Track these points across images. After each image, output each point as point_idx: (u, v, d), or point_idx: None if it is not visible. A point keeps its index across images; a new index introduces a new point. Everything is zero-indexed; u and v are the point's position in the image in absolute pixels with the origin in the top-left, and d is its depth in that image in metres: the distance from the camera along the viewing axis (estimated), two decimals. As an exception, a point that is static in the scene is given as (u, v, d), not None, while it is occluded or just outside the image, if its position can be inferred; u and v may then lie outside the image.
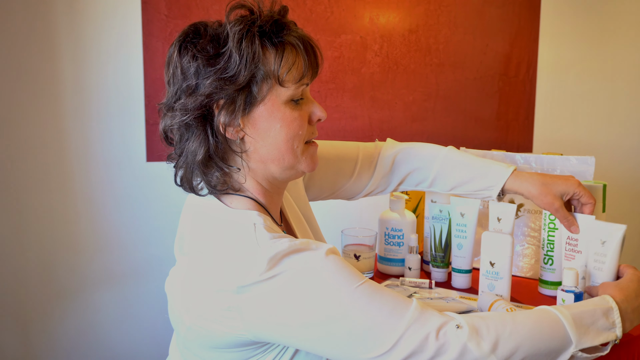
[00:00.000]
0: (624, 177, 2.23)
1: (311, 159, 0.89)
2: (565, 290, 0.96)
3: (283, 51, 0.82)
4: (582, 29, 2.11)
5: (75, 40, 1.66)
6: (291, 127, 0.85)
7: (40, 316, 1.72)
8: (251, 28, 0.81)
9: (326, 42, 1.85)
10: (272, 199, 0.91)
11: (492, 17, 2.01)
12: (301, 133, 0.86)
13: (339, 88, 1.88)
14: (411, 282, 1.21)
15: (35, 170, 1.68)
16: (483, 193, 1.11)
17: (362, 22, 1.88)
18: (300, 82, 0.84)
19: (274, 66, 0.82)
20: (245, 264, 0.78)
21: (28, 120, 1.66)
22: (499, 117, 2.07)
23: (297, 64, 0.83)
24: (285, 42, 0.83)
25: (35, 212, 1.69)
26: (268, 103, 0.83)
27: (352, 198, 1.20)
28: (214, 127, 0.82)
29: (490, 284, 1.09)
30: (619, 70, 2.17)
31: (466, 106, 2.03)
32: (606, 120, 2.19)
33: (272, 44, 0.82)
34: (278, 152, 0.85)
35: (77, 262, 1.73)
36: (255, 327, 0.79)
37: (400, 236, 1.29)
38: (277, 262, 0.76)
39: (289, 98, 0.84)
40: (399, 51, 1.93)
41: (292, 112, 0.85)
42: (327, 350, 0.78)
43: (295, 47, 0.83)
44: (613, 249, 0.98)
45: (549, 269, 1.16)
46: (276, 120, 0.84)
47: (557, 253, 1.14)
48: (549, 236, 1.15)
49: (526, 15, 2.04)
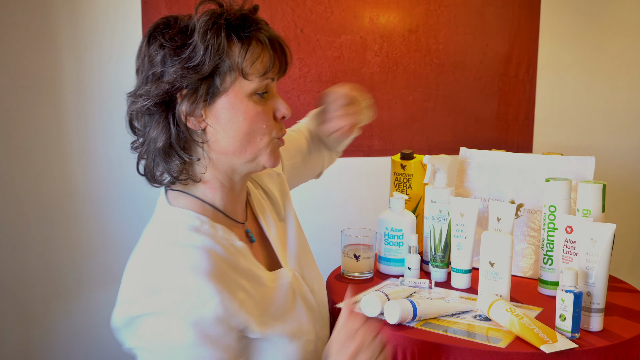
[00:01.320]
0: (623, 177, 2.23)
1: (273, 154, 0.89)
2: (565, 290, 0.96)
3: (249, 45, 0.84)
4: (582, 29, 2.11)
5: (76, 40, 1.66)
6: (254, 120, 0.86)
7: (40, 316, 1.72)
8: (217, 20, 0.83)
9: (326, 42, 1.86)
10: (231, 193, 0.91)
11: (492, 17, 2.01)
12: (265, 127, 0.87)
13: (339, 88, 1.89)
14: (411, 282, 1.21)
15: (36, 169, 1.68)
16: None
17: (362, 22, 1.88)
18: (264, 75, 0.85)
19: (238, 59, 0.83)
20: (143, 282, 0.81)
21: (28, 120, 1.66)
22: (498, 117, 2.07)
23: (261, 58, 0.85)
24: (251, 36, 0.85)
25: (36, 211, 1.69)
26: (231, 95, 0.84)
27: (318, 175, 1.28)
28: (175, 115, 0.84)
29: (490, 284, 1.09)
30: (619, 70, 2.17)
31: (466, 106, 2.03)
32: (606, 120, 2.19)
33: (238, 38, 0.84)
34: (240, 144, 0.86)
35: (77, 261, 1.73)
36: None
37: (400, 236, 1.29)
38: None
39: (252, 91, 0.85)
40: (399, 51, 1.93)
41: (255, 106, 0.86)
42: None
43: (261, 42, 0.85)
44: (604, 248, 0.99)
45: (549, 268, 1.16)
46: (239, 112, 0.85)
47: (556, 253, 1.15)
48: (549, 236, 1.15)
49: (526, 16, 2.04)
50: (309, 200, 1.89)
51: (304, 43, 1.84)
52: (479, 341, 0.95)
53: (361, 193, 1.98)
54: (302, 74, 1.86)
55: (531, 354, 0.91)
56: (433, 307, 1.05)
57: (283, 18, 1.81)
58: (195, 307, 0.78)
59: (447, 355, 0.93)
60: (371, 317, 1.02)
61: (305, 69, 1.86)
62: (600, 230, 0.99)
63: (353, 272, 1.27)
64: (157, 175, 0.88)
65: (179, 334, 0.77)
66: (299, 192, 1.52)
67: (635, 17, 2.15)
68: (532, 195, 1.28)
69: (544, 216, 1.15)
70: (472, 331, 0.99)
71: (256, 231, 0.99)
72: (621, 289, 1.21)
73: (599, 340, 0.96)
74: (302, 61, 1.85)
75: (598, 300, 0.99)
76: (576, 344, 0.93)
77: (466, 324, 1.02)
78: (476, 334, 0.98)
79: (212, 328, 0.78)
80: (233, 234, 0.89)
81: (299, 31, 1.83)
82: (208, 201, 0.89)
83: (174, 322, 0.77)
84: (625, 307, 1.11)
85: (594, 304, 0.99)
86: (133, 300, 0.80)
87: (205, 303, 0.78)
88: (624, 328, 1.01)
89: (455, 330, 0.99)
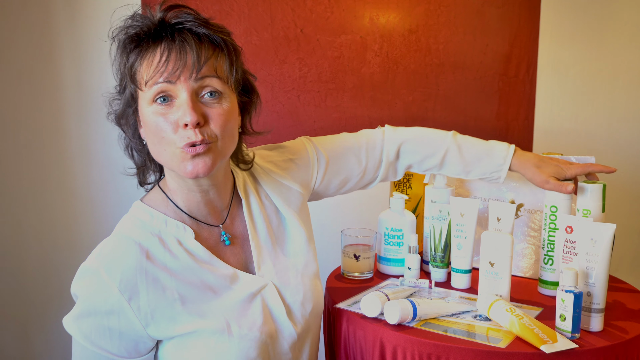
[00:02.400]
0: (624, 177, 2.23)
1: (184, 165, 0.85)
2: (565, 290, 0.96)
3: (139, 54, 0.86)
4: (582, 29, 2.11)
5: (76, 40, 1.66)
6: (153, 131, 0.86)
7: (39, 316, 1.72)
8: (119, 35, 0.87)
9: (326, 42, 1.86)
10: (192, 196, 0.94)
11: (492, 17, 2.01)
12: (165, 137, 0.85)
13: (339, 88, 1.88)
14: (411, 282, 1.21)
15: (36, 170, 1.68)
16: (492, 175, 1.15)
17: (362, 22, 1.88)
18: (149, 83, 0.84)
19: (134, 70, 0.86)
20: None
21: (28, 120, 1.66)
22: (498, 117, 2.07)
23: (148, 64, 0.85)
24: (146, 45, 0.86)
25: (35, 211, 1.69)
26: (139, 106, 0.88)
27: (366, 187, 1.22)
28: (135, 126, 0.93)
29: (490, 284, 1.09)
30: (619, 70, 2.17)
31: (466, 106, 2.03)
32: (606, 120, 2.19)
33: (134, 49, 0.86)
34: (155, 154, 0.90)
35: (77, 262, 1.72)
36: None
37: (400, 236, 1.29)
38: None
39: (149, 100, 0.86)
40: (399, 51, 1.93)
41: (152, 116, 0.86)
42: None
43: (155, 49, 0.85)
44: (604, 248, 0.99)
45: (549, 269, 1.16)
46: (145, 123, 0.88)
47: (557, 253, 1.15)
48: (550, 236, 1.15)
49: (526, 16, 2.04)
50: (309, 200, 1.89)
51: (303, 43, 1.84)
52: (479, 341, 0.95)
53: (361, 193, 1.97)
54: (302, 74, 1.86)
55: (531, 354, 0.91)
56: (433, 307, 1.05)
57: (283, 18, 1.81)
58: (94, 296, 0.86)
59: (447, 355, 0.93)
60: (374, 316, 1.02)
61: (305, 69, 1.86)
62: (600, 230, 0.99)
63: (353, 272, 1.27)
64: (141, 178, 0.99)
65: (77, 319, 0.87)
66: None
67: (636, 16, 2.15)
68: (532, 195, 1.28)
69: (545, 216, 1.15)
70: (472, 331, 0.99)
71: (242, 234, 0.99)
72: (621, 289, 1.21)
73: (599, 340, 0.96)
74: (302, 61, 1.85)
75: (598, 300, 0.99)
76: (576, 344, 0.93)
77: (466, 324, 1.02)
78: (476, 334, 0.98)
79: (105, 318, 0.86)
80: (190, 233, 0.92)
81: (299, 31, 1.83)
82: (177, 203, 0.94)
83: (77, 307, 0.88)
84: (625, 307, 1.11)
85: (594, 304, 0.99)
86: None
87: (103, 294, 0.86)
88: (624, 328, 1.01)
89: (455, 331, 0.99)
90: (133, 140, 0.94)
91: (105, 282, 0.85)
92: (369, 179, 1.19)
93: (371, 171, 1.18)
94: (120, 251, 0.88)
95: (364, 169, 1.16)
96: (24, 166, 1.67)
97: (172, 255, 0.90)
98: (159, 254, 0.89)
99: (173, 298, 0.87)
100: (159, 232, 0.91)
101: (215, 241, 0.95)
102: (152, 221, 0.92)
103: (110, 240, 0.91)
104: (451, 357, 0.93)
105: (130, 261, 0.87)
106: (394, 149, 1.17)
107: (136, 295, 0.85)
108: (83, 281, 0.88)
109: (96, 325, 0.86)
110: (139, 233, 0.90)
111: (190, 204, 0.94)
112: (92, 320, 0.86)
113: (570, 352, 0.92)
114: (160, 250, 0.89)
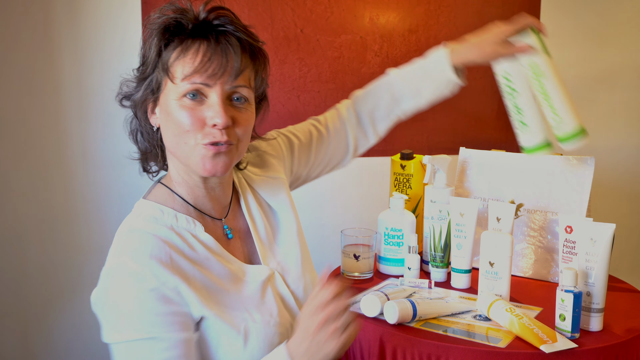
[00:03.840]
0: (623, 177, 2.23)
1: (203, 162, 0.87)
2: (565, 290, 0.96)
3: (182, 49, 0.86)
4: (582, 30, 2.11)
5: (76, 40, 1.66)
6: (177, 123, 0.87)
7: (39, 316, 1.72)
8: (160, 23, 0.87)
9: (326, 42, 1.86)
10: (198, 190, 0.94)
11: (491, 17, 2.00)
12: (189, 131, 0.86)
13: (339, 88, 1.88)
14: (411, 282, 1.22)
15: (36, 170, 1.68)
16: (445, 83, 1.14)
17: (362, 22, 1.88)
18: (187, 79, 0.86)
19: (170, 62, 0.87)
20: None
21: (28, 120, 1.66)
22: (498, 117, 2.07)
23: (192, 62, 0.86)
24: (190, 42, 0.87)
25: (37, 211, 1.69)
26: (165, 96, 0.88)
27: (345, 160, 1.23)
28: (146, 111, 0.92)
29: (489, 284, 1.09)
30: (619, 71, 2.17)
31: (466, 106, 2.03)
32: (606, 121, 2.19)
33: (177, 42, 0.87)
34: (172, 145, 0.90)
35: (77, 262, 1.73)
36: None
37: (400, 236, 1.29)
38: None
39: (179, 94, 0.86)
40: (399, 51, 1.93)
41: (180, 110, 0.86)
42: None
43: (198, 47, 0.86)
44: (604, 248, 0.99)
45: (531, 131, 1.13)
46: (167, 113, 0.88)
47: (527, 113, 1.12)
48: (515, 102, 1.13)
49: (526, 16, 2.05)
50: (309, 200, 1.89)
51: (304, 43, 1.84)
52: (479, 341, 0.95)
53: (361, 193, 1.98)
54: (302, 74, 1.86)
55: (531, 354, 0.91)
56: (433, 307, 1.05)
57: (283, 18, 1.81)
58: (135, 285, 0.82)
59: (447, 355, 0.93)
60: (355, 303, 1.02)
61: (305, 69, 1.86)
62: (599, 230, 0.99)
63: (353, 272, 1.28)
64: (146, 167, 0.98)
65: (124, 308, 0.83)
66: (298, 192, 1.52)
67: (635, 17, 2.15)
68: (532, 196, 1.28)
69: (502, 85, 1.14)
70: (471, 331, 0.99)
71: (241, 228, 1.01)
72: (621, 289, 1.21)
73: (599, 340, 0.96)
74: (302, 61, 1.85)
75: (598, 300, 0.99)
76: (576, 344, 0.93)
77: (466, 324, 1.02)
78: (476, 334, 0.98)
79: (152, 302, 0.82)
80: (200, 226, 0.92)
81: (299, 31, 1.83)
82: (181, 195, 0.94)
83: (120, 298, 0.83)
84: (625, 307, 1.11)
85: (594, 303, 0.99)
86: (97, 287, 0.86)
87: (144, 282, 0.82)
88: (623, 328, 1.01)
89: (455, 330, 0.99)
90: (145, 125, 0.93)
91: (137, 271, 0.83)
92: (342, 149, 1.20)
93: (341, 139, 1.19)
94: (142, 242, 0.86)
95: (332, 137, 1.18)
96: (25, 166, 1.67)
97: (189, 247, 0.89)
98: (178, 245, 0.88)
99: (197, 287, 0.86)
100: (171, 225, 0.90)
101: (220, 235, 0.97)
102: (163, 216, 0.91)
103: (123, 237, 0.88)
104: (451, 357, 0.93)
105: (154, 249, 0.85)
106: (350, 110, 1.20)
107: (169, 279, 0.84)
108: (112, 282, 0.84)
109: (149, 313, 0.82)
110: (154, 227, 0.89)
111: (196, 198, 0.95)
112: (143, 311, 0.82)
113: (570, 352, 0.92)
114: (179, 241, 0.89)
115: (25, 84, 1.64)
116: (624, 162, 2.22)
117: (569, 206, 1.23)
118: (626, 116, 2.21)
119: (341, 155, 1.21)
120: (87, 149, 1.70)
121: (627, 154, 2.22)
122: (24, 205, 1.68)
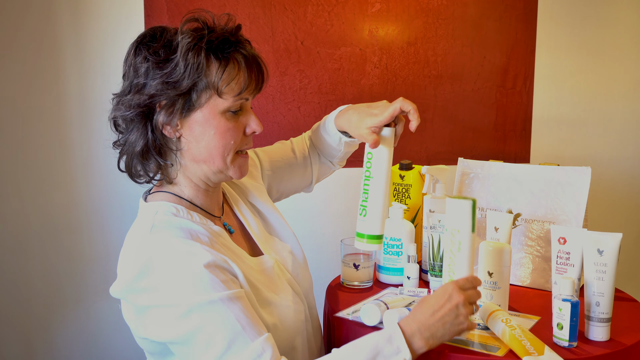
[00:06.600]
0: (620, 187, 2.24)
1: (239, 168, 0.96)
2: (562, 299, 0.97)
3: (226, 65, 0.89)
4: (578, 41, 2.13)
5: (78, 43, 1.68)
6: (224, 136, 0.91)
7: (42, 324, 1.73)
8: (199, 42, 0.88)
9: (326, 54, 1.88)
10: (205, 192, 0.98)
11: (489, 29, 2.03)
12: (233, 143, 0.93)
13: (339, 99, 1.90)
14: (410, 291, 1.23)
15: (39, 178, 1.69)
16: (336, 141, 1.18)
17: (361, 34, 1.91)
18: (238, 95, 0.91)
19: (215, 78, 0.89)
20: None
21: (31, 126, 1.67)
22: (496, 127, 2.09)
23: (237, 79, 0.90)
24: (229, 57, 0.90)
25: (38, 219, 1.70)
26: (205, 111, 0.90)
27: (309, 187, 1.29)
28: (153, 123, 0.89)
29: (488, 294, 1.10)
30: (615, 82, 2.19)
31: (464, 117, 2.05)
32: (602, 131, 2.21)
33: (216, 58, 0.89)
34: (209, 155, 0.92)
35: (80, 270, 1.74)
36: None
37: (399, 245, 1.30)
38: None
39: (226, 109, 0.91)
40: (397, 63, 1.95)
41: (227, 123, 0.91)
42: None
43: (238, 63, 0.90)
44: (612, 258, 1.00)
45: (365, 218, 1.05)
46: (211, 127, 0.91)
47: (372, 201, 1.04)
48: (364, 185, 1.05)
49: (523, 28, 2.07)
50: (308, 209, 1.90)
51: (304, 55, 1.86)
52: (477, 350, 0.96)
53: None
54: (303, 86, 1.88)
55: (529, 362, 0.92)
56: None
57: (284, 31, 1.83)
58: (188, 262, 0.84)
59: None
60: None
61: (306, 81, 1.88)
62: (606, 241, 1.00)
63: (352, 281, 1.29)
64: (134, 172, 0.95)
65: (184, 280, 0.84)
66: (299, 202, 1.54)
67: (631, 29, 2.18)
68: (529, 205, 1.29)
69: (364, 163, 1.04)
70: (470, 340, 1.00)
71: (235, 225, 1.05)
72: (620, 298, 1.22)
73: (596, 349, 0.97)
74: (302, 73, 1.87)
75: (606, 310, 1.00)
76: (574, 353, 0.94)
77: (465, 332, 1.03)
78: (474, 343, 0.99)
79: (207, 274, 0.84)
80: (210, 222, 0.96)
81: (300, 43, 1.86)
82: (184, 197, 0.97)
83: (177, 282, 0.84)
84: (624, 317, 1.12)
85: (603, 313, 1.00)
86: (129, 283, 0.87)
87: (196, 257, 0.85)
88: (621, 337, 1.01)
89: (453, 339, 1.00)
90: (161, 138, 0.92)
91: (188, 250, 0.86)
92: (308, 174, 1.25)
93: (307, 164, 1.24)
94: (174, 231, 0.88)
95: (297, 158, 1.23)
96: (27, 175, 1.68)
97: (211, 239, 0.92)
98: (202, 237, 0.91)
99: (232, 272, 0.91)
100: (189, 219, 0.93)
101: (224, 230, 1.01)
102: (179, 213, 0.93)
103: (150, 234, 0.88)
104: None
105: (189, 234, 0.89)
106: (308, 142, 1.26)
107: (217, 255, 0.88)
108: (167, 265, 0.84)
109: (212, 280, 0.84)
110: (177, 220, 0.91)
111: (200, 199, 0.98)
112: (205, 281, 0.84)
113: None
114: (203, 233, 0.91)
115: (28, 88, 1.65)
116: (621, 172, 2.24)
117: (566, 216, 1.24)
118: (622, 127, 2.23)
119: (306, 180, 1.27)
120: (90, 155, 1.71)
121: (623, 165, 2.24)
122: (26, 213, 1.69)
